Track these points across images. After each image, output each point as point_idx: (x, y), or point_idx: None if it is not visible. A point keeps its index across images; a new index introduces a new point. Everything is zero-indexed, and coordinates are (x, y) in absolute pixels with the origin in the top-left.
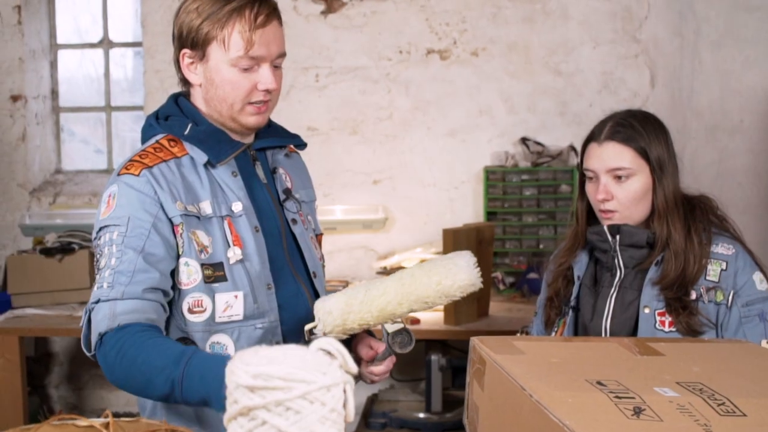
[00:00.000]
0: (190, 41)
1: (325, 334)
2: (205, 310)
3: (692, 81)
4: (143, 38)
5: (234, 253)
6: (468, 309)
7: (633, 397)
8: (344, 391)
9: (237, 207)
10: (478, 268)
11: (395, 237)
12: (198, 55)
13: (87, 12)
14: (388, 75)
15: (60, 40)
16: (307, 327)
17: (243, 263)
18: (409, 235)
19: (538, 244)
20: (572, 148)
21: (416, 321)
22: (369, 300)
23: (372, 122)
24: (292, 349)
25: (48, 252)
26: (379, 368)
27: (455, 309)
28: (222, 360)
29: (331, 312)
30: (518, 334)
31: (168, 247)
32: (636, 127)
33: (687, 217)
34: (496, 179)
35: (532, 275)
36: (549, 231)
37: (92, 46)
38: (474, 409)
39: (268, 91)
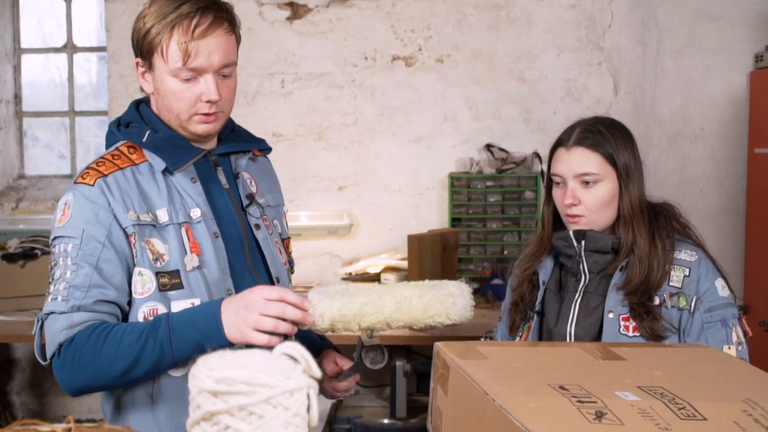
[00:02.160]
0: (139, 50)
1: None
2: None
3: (654, 89)
4: (107, 43)
5: (191, 260)
6: None
7: (595, 402)
8: (308, 396)
9: (195, 213)
10: (473, 305)
11: (360, 243)
12: (147, 64)
13: (51, 16)
14: (354, 81)
15: (24, 44)
16: None
17: (200, 270)
18: (374, 242)
19: (502, 250)
20: (536, 154)
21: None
22: (362, 314)
23: (337, 128)
24: (256, 354)
25: (10, 258)
26: (342, 384)
27: None
28: (202, 306)
29: (322, 316)
30: (482, 339)
31: (122, 260)
32: (604, 134)
33: (651, 224)
34: (460, 186)
35: (497, 281)
36: (513, 237)
37: (56, 50)
38: (438, 414)
39: (212, 102)
